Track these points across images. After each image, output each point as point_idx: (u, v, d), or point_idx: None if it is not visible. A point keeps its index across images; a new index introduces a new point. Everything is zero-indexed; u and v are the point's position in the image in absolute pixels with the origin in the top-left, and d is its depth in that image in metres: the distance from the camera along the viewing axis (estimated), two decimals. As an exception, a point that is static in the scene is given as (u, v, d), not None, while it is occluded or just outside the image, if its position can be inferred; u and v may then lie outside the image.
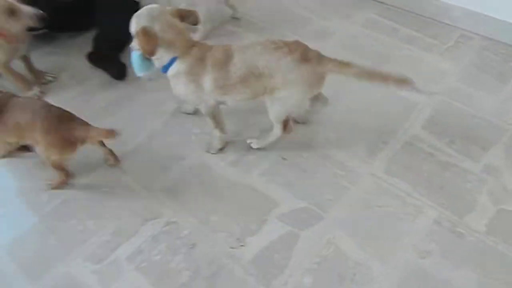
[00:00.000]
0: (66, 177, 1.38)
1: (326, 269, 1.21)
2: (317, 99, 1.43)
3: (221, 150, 1.52)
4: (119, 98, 1.73)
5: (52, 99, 1.66)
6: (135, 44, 1.32)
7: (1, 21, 1.45)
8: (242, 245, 1.26)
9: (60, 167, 1.35)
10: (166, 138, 1.57)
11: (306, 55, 1.26)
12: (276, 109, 1.35)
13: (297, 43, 1.30)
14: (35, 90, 1.73)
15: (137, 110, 1.68)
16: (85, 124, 1.30)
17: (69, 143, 1.28)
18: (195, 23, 1.37)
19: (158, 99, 1.71)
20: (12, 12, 1.45)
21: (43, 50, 1.94)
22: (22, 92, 1.69)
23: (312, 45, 1.30)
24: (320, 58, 1.28)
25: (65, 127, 1.27)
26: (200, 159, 1.50)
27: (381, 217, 1.32)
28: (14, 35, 1.52)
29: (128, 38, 1.91)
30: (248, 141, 1.52)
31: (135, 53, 1.36)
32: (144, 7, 1.30)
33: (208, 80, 1.30)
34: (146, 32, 1.23)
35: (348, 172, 1.44)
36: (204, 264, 1.22)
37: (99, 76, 1.81)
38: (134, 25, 1.29)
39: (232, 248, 1.26)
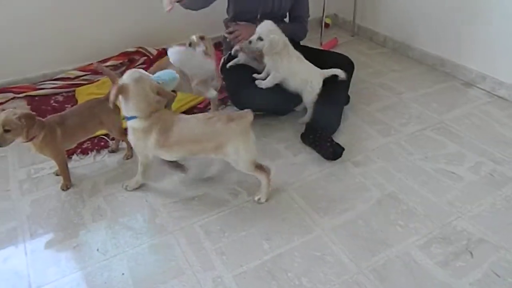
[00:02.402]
0: None
1: None
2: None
3: (135, 189, 1.88)
4: (327, 174, 1.95)
5: (272, 163, 1.98)
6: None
7: None
8: None
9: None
10: (372, 222, 1.69)
11: (230, 117, 1.65)
12: (235, 163, 1.71)
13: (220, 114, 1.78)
14: None
15: (344, 188, 1.86)
16: None
17: None
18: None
19: (364, 184, 1.87)
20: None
21: (262, 121, 2.32)
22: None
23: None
24: (240, 115, 1.67)
25: None
26: (406, 250, 1.57)
27: None
28: None
29: (338, 125, 2.22)
30: (255, 198, 1.80)
31: None
32: (136, 71, 1.68)
33: (152, 140, 1.67)
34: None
35: None
36: None
37: (310, 151, 2.09)
38: (123, 78, 1.67)
39: None
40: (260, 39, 2.08)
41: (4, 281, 1.47)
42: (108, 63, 2.78)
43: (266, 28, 2.09)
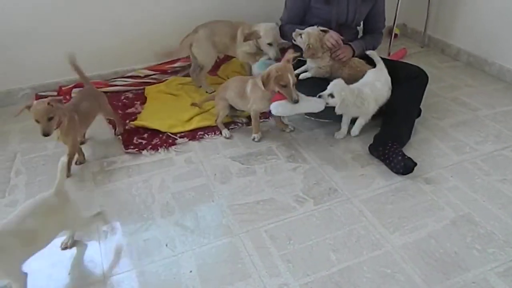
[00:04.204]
0: None
1: None
2: None
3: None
4: (397, 189, 1.87)
5: (328, 173, 1.95)
6: None
7: None
8: None
9: None
10: (446, 243, 1.60)
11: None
12: None
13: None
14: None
15: (415, 205, 1.78)
16: None
17: None
18: None
19: (437, 203, 1.78)
20: None
21: (328, 131, 2.29)
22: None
23: None
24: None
25: None
26: (484, 276, 1.46)
27: None
28: None
29: (408, 138, 2.13)
30: None
31: None
32: None
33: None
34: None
35: None
36: None
37: (378, 164, 2.02)
38: None
39: None
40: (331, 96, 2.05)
41: (81, 267, 1.55)
42: (176, 64, 2.87)
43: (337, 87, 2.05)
